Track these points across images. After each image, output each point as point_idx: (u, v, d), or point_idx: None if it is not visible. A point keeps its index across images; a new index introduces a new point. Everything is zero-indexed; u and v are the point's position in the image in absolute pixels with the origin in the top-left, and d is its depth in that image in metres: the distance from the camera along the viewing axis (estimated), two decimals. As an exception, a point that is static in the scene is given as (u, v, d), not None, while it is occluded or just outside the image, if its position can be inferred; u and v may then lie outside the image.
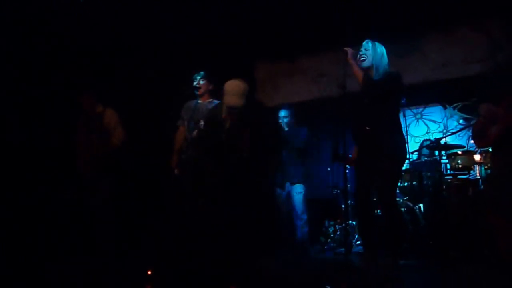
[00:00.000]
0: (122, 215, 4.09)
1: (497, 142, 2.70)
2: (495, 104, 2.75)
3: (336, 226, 4.69)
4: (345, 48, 3.02)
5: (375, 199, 3.55)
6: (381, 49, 3.06)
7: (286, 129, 4.25)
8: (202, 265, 3.24)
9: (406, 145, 3.03)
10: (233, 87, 3.30)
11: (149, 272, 2.80)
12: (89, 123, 4.01)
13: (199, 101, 4.00)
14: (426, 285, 2.85)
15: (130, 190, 4.55)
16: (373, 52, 3.02)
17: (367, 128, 2.90)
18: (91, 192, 3.86)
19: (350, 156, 3.31)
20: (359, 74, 2.95)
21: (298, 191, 4.24)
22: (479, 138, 2.85)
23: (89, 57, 4.80)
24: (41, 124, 4.54)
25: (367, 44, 3.06)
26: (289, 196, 4.24)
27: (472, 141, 3.64)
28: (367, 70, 3.00)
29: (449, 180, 3.93)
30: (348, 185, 4.61)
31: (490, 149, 3.28)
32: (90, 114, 4.02)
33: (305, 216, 4.19)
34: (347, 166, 4.46)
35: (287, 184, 4.26)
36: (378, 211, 3.97)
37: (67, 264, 3.25)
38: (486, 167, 3.78)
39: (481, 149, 3.46)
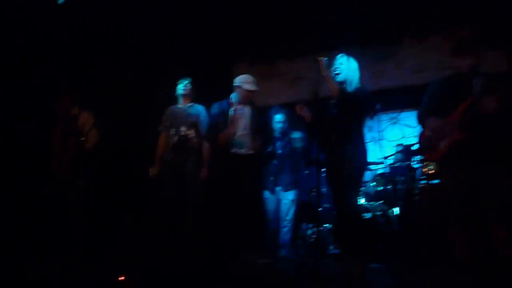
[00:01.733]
0: (98, 216, 4.09)
1: (444, 155, 2.74)
2: (440, 118, 2.78)
3: (313, 229, 4.74)
4: (319, 58, 3.06)
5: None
6: (354, 64, 3.16)
7: (279, 135, 4.24)
8: (176, 267, 3.27)
9: (366, 154, 3.10)
10: (249, 77, 3.83)
11: (123, 278, 2.82)
12: (65, 125, 4.02)
13: (179, 106, 4.04)
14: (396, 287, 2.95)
15: (107, 192, 4.53)
16: (347, 67, 3.12)
17: (333, 136, 2.98)
18: (65, 192, 3.87)
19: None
20: (335, 89, 3.04)
21: (290, 198, 4.25)
22: (428, 151, 2.89)
23: (66, 59, 4.77)
24: (17, 124, 4.49)
25: (342, 58, 3.15)
26: (278, 200, 4.25)
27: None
28: (340, 84, 3.09)
29: (420, 185, 4.01)
30: (324, 189, 4.70)
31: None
32: (66, 116, 4.02)
33: (291, 223, 4.25)
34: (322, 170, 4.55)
35: (278, 188, 4.25)
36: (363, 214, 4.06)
37: (39, 262, 3.26)
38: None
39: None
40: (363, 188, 4.57)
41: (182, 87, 4.01)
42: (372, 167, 4.75)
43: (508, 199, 2.56)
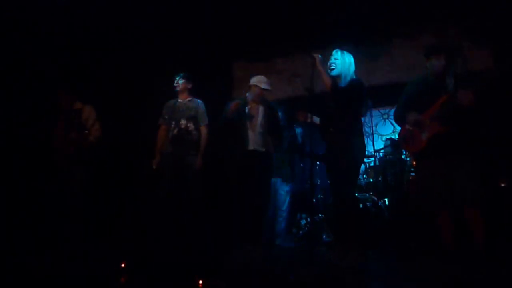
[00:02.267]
0: (96, 209, 4.18)
1: (424, 147, 2.96)
2: (419, 113, 3.01)
3: (308, 218, 4.92)
4: (314, 55, 3.20)
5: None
6: (349, 58, 3.25)
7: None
8: (175, 257, 3.35)
9: (364, 146, 3.22)
10: (264, 78, 3.97)
11: (123, 265, 2.87)
12: (67, 119, 4.07)
13: (179, 100, 4.16)
14: (386, 274, 3.07)
15: (106, 185, 4.63)
16: (342, 61, 3.20)
17: (331, 129, 3.12)
18: (64, 185, 3.94)
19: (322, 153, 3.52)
20: (327, 82, 3.14)
21: (286, 189, 4.53)
22: (408, 144, 3.10)
23: (69, 53, 4.86)
24: (20, 120, 4.57)
25: (337, 54, 3.24)
26: (275, 191, 4.46)
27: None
28: (335, 78, 3.20)
29: (410, 177, 4.19)
30: (318, 180, 4.88)
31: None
32: (68, 110, 4.09)
33: (286, 212, 4.50)
34: (317, 162, 4.72)
35: (277, 180, 4.48)
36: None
37: (39, 258, 3.28)
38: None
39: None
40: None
41: (175, 82, 4.15)
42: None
43: (479, 188, 2.77)
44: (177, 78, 4.15)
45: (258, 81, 3.94)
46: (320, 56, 3.22)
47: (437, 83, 3.01)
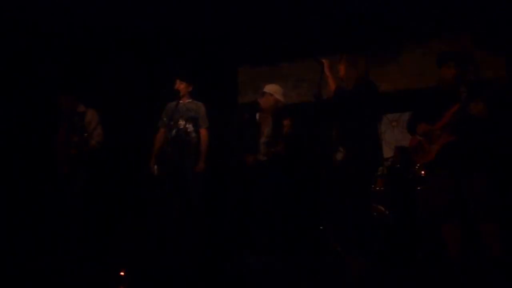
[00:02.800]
0: (97, 214, 4.15)
1: (434, 157, 2.88)
2: (430, 123, 2.92)
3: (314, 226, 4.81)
4: (322, 60, 3.12)
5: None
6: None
7: None
8: (175, 264, 3.30)
9: (378, 153, 3.14)
10: (280, 88, 3.93)
11: (122, 273, 2.83)
12: (69, 122, 4.05)
13: (180, 102, 4.08)
14: (393, 285, 3.00)
15: (107, 189, 4.59)
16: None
17: (341, 135, 3.02)
18: (65, 189, 3.92)
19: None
20: (333, 87, 3.07)
21: None
22: (418, 155, 3.03)
23: (72, 56, 4.83)
24: (23, 123, 4.55)
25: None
26: None
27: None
28: (341, 82, 3.11)
29: (419, 188, 4.07)
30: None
31: None
32: (71, 114, 4.06)
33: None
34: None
35: None
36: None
37: (39, 260, 3.28)
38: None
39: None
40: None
41: (176, 84, 4.07)
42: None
43: (493, 200, 2.68)
44: (179, 81, 4.08)
45: (274, 90, 3.87)
46: (328, 61, 3.18)
47: (449, 92, 2.92)
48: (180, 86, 4.07)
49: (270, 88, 3.90)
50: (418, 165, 4.02)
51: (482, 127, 2.78)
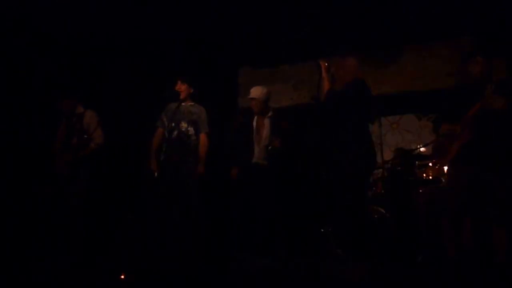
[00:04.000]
0: (97, 216, 4.11)
1: (453, 158, 2.82)
2: (452, 123, 2.86)
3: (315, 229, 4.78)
4: (320, 62, 3.09)
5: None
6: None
7: None
8: (175, 266, 3.28)
9: (373, 155, 3.06)
10: (254, 88, 3.89)
11: (122, 277, 2.82)
12: (69, 124, 4.01)
13: (182, 104, 4.04)
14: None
15: (106, 191, 4.56)
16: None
17: (337, 138, 2.99)
18: (65, 192, 3.86)
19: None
20: (325, 89, 3.02)
21: None
22: (440, 155, 2.98)
23: (71, 57, 4.81)
24: (21, 125, 4.52)
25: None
26: None
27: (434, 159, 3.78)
28: (333, 84, 3.06)
29: (420, 190, 4.05)
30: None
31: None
32: (70, 115, 4.02)
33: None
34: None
35: None
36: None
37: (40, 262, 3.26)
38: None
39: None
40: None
41: (177, 86, 4.03)
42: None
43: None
44: (180, 82, 4.05)
45: (256, 94, 3.86)
46: (326, 64, 3.12)
47: (475, 89, 2.80)
48: (181, 87, 4.04)
49: (253, 92, 3.88)
50: (437, 165, 3.95)
51: (505, 122, 2.67)
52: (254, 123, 3.80)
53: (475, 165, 2.72)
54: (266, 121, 3.82)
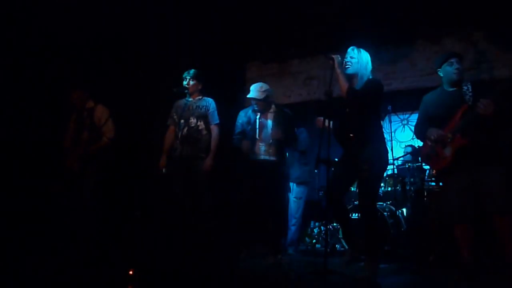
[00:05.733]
0: (108, 213, 4.10)
1: (450, 162, 2.82)
2: (440, 127, 2.86)
3: (321, 227, 4.78)
4: (332, 56, 2.96)
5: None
6: (366, 56, 3.00)
7: None
8: (183, 263, 3.28)
9: (386, 153, 2.99)
10: (260, 86, 3.84)
11: (131, 272, 2.79)
12: (79, 119, 4.00)
13: (190, 99, 4.03)
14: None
15: (117, 188, 4.56)
16: (359, 60, 2.96)
17: (350, 135, 2.93)
18: (76, 188, 3.84)
19: (336, 160, 3.34)
20: (344, 86, 2.90)
21: (299, 196, 4.41)
22: (433, 161, 2.97)
23: (80, 53, 4.81)
24: (31, 120, 4.53)
25: (353, 52, 2.99)
26: (287, 198, 4.30)
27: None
28: (351, 78, 2.96)
29: (430, 187, 4.01)
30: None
31: None
32: (80, 110, 4.01)
33: (299, 221, 4.38)
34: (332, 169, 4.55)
35: (293, 184, 4.42)
36: (354, 214, 4.09)
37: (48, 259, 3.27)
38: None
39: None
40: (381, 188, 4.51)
41: (186, 80, 4.01)
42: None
43: (508, 193, 2.63)
44: (188, 78, 4.03)
45: (253, 95, 3.81)
46: (339, 57, 2.98)
47: (454, 92, 2.87)
48: (189, 83, 4.02)
49: (251, 93, 3.83)
50: (434, 171, 3.95)
51: (493, 125, 2.72)
52: (258, 120, 3.76)
53: (470, 170, 2.75)
54: (271, 117, 3.81)
